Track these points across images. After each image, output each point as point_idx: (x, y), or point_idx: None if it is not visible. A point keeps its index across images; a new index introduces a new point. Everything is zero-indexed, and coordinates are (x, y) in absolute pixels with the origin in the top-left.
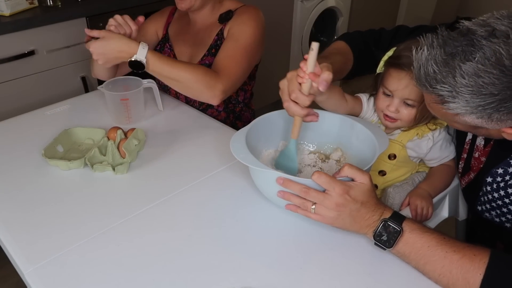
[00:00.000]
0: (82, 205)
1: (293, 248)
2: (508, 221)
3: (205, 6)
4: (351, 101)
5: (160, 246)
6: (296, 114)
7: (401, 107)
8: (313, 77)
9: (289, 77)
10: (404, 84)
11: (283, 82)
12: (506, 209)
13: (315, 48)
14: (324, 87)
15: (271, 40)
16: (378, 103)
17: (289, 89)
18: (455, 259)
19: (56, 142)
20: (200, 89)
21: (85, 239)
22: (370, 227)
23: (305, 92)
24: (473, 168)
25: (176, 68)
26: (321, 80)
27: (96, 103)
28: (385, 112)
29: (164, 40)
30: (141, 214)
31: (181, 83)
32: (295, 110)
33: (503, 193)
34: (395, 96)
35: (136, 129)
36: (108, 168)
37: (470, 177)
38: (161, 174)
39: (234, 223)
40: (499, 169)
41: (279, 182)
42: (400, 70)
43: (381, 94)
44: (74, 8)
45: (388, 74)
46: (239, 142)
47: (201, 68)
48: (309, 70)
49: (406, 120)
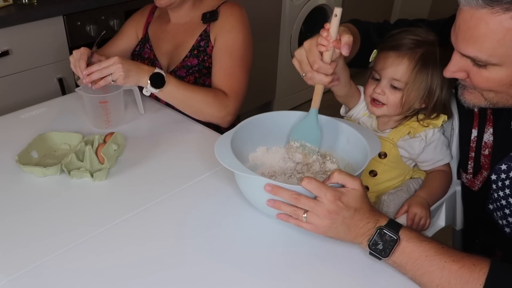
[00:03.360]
0: (58, 213)
1: (282, 259)
2: (508, 225)
3: (185, 3)
4: (354, 86)
5: (141, 257)
6: (321, 83)
7: (387, 89)
8: (336, 44)
9: (308, 47)
10: (389, 63)
11: (300, 51)
12: (508, 210)
13: (339, 14)
14: (347, 51)
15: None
16: (366, 88)
17: (309, 59)
18: (454, 270)
19: (31, 148)
20: (211, 112)
21: (62, 249)
22: (364, 236)
23: (328, 61)
24: (485, 166)
25: (189, 90)
26: (343, 43)
27: (74, 106)
28: (372, 96)
29: (144, 41)
30: (121, 223)
31: (192, 106)
32: (320, 79)
33: (508, 191)
34: (382, 77)
35: (116, 133)
36: (86, 175)
37: (484, 176)
38: (142, 181)
39: (219, 232)
40: (503, 165)
41: (267, 189)
42: (386, 51)
43: (370, 80)
44: (50, 6)
45: (377, 58)
46: (224, 147)
47: (211, 91)
48: (333, 37)
49: (392, 104)
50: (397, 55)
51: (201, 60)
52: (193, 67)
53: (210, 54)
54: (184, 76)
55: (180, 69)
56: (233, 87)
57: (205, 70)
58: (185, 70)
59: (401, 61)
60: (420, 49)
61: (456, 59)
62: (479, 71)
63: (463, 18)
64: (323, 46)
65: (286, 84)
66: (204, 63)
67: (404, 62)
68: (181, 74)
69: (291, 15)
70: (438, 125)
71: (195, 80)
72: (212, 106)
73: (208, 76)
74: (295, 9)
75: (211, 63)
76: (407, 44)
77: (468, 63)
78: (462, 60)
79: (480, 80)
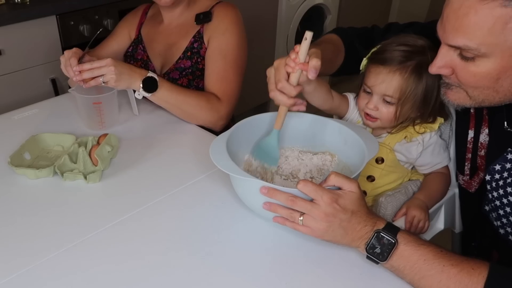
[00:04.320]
0: (51, 216)
1: (278, 263)
2: (503, 226)
3: (181, 3)
4: (338, 99)
5: (135, 260)
6: (282, 104)
7: (380, 104)
8: (303, 67)
9: (276, 65)
10: (381, 79)
11: (270, 70)
12: (502, 211)
13: (309, 38)
14: (313, 75)
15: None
16: (359, 101)
17: (275, 78)
18: (452, 274)
19: (23, 149)
20: (203, 117)
21: (55, 252)
22: (362, 239)
23: (294, 83)
24: (481, 167)
25: (181, 94)
26: (310, 67)
27: (67, 107)
28: (365, 110)
29: (137, 41)
30: (114, 226)
31: (184, 111)
32: (281, 99)
33: (502, 192)
34: (373, 93)
35: (109, 135)
36: (79, 177)
37: (480, 177)
38: (136, 183)
39: (214, 236)
40: (497, 165)
41: (263, 192)
42: (378, 65)
43: (361, 92)
44: (43, 6)
45: (368, 70)
46: (220, 149)
47: (204, 95)
48: (301, 60)
49: (385, 119)
50: (388, 70)
51: (195, 62)
52: (187, 69)
53: (203, 56)
54: (177, 79)
55: (173, 71)
56: (226, 91)
57: (199, 72)
58: (179, 72)
59: (392, 77)
60: (411, 61)
61: (443, 53)
62: (466, 66)
63: (452, 8)
64: (289, 67)
65: None
66: (197, 65)
67: (395, 78)
68: (174, 76)
69: (287, 14)
70: (435, 128)
71: (188, 83)
72: (205, 110)
73: (202, 78)
74: (291, 9)
75: (205, 65)
76: (397, 58)
77: (455, 58)
78: (449, 53)
79: (467, 75)
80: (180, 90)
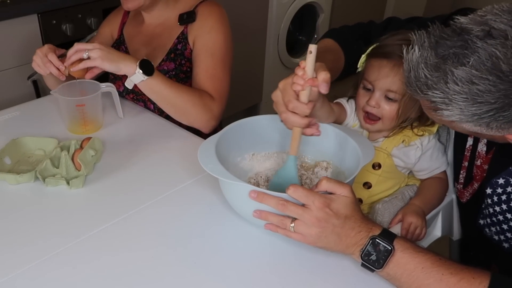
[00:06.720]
0: (32, 223)
1: (268, 271)
2: (507, 240)
3: (157, 4)
4: (336, 107)
5: (120, 269)
6: (297, 125)
7: (382, 101)
8: (313, 83)
9: (282, 87)
10: (385, 73)
11: (275, 94)
12: (506, 226)
13: (314, 51)
14: (326, 89)
15: (243, 40)
16: (358, 99)
17: (284, 100)
18: (452, 283)
19: (3, 153)
20: (195, 114)
21: (36, 261)
22: (357, 246)
23: (305, 100)
24: (476, 177)
25: (175, 87)
26: (321, 81)
27: (49, 110)
28: (365, 109)
29: (119, 42)
30: (98, 233)
31: (176, 105)
32: (294, 120)
33: (505, 207)
34: (375, 88)
35: (93, 138)
36: (62, 182)
37: (474, 188)
38: (121, 189)
39: (203, 243)
40: (500, 179)
41: (253, 196)
42: (381, 58)
43: (361, 90)
44: (24, 4)
45: (369, 65)
46: (208, 152)
47: (197, 91)
48: (309, 75)
49: (388, 118)
50: (393, 64)
51: (178, 64)
52: (170, 72)
53: (188, 57)
54: None
55: None
56: (218, 90)
57: (183, 75)
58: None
59: (397, 72)
60: None
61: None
62: None
63: None
64: (299, 85)
65: (273, 86)
66: (181, 67)
67: (400, 72)
68: None
69: (278, 13)
70: (433, 131)
71: None
72: (197, 107)
73: (186, 81)
74: (282, 7)
75: (189, 67)
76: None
77: None
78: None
79: None
80: (173, 83)
